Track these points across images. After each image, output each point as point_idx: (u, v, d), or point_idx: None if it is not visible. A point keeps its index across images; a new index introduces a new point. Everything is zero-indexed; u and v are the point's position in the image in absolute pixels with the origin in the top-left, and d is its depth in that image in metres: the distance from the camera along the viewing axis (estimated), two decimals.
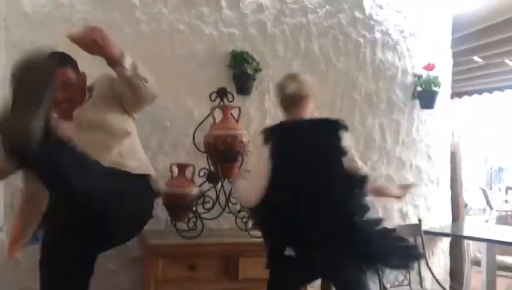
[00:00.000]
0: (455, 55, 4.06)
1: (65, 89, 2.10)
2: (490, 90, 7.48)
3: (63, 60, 2.16)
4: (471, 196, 8.56)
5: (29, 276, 2.76)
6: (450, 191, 3.91)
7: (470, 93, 7.78)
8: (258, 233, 2.58)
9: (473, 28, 4.60)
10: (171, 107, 3.06)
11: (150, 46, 3.01)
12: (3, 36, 2.79)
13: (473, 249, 4.04)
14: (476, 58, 5.66)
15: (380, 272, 2.51)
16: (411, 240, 3.35)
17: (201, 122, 2.84)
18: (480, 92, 7.66)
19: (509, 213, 6.63)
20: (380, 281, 3.01)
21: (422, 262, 3.36)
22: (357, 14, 3.50)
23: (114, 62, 1.95)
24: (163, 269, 2.40)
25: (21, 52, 2.78)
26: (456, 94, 6.88)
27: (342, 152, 2.10)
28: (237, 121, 2.90)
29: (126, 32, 2.99)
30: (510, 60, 5.76)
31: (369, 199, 2.12)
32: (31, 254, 1.98)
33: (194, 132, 2.77)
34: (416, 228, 3.41)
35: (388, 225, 3.43)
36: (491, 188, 9.76)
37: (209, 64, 3.15)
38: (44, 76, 1.54)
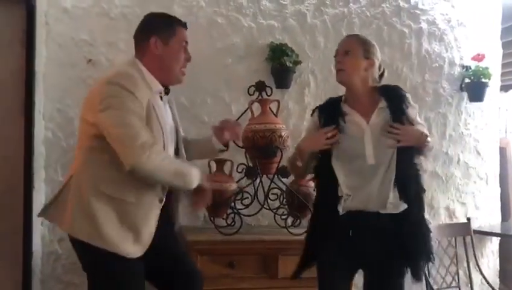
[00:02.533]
0: (503, 45, 3.86)
1: None
2: None
3: None
4: None
5: (69, 270, 2.81)
6: (499, 189, 3.71)
7: None
8: (298, 230, 2.52)
9: None
10: (209, 102, 3.03)
11: (188, 40, 2.97)
12: (44, 31, 2.82)
13: None
14: None
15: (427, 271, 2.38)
16: (459, 239, 3.21)
17: (240, 117, 2.78)
18: None
19: None
20: (428, 283, 2.88)
21: (472, 263, 3.20)
22: (402, 3, 3.35)
23: None
24: (201, 266, 2.36)
25: (61, 47, 2.86)
26: (503, 87, 6.59)
27: None
28: (276, 115, 2.85)
29: None
30: None
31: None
32: (71, 248, 1.95)
33: None
34: (465, 227, 3.24)
35: (435, 223, 3.34)
36: None
37: (248, 58, 3.10)
38: None
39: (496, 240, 3.67)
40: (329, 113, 2.06)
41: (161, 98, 1.96)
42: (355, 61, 2.02)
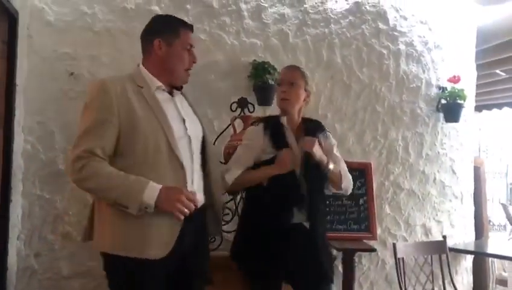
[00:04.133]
0: (478, 68, 3.97)
1: None
2: (511, 105, 7.32)
3: None
4: (491, 211, 8.37)
5: (45, 286, 2.75)
6: (473, 207, 3.79)
7: (489, 107, 7.63)
8: None
9: (497, 41, 4.51)
10: None
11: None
12: (26, 44, 2.80)
13: (497, 268, 3.91)
14: (498, 71, 5.55)
15: None
16: (435, 257, 3.26)
17: (222, 132, 2.80)
18: (500, 106, 7.51)
19: None
20: None
21: (447, 280, 3.26)
22: (381, 25, 3.44)
23: None
24: None
25: (43, 59, 2.84)
26: (476, 108, 6.76)
27: None
28: None
29: None
30: None
31: None
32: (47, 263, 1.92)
33: (214, 142, 2.73)
34: (441, 245, 3.31)
35: (411, 240, 3.40)
36: (511, 204, 9.55)
37: (230, 75, 3.13)
38: None
39: (469, 258, 3.74)
40: (275, 132, 2.20)
41: (171, 94, 1.94)
42: (298, 92, 2.22)
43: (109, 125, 1.73)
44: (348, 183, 2.29)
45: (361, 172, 3.30)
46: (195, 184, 1.88)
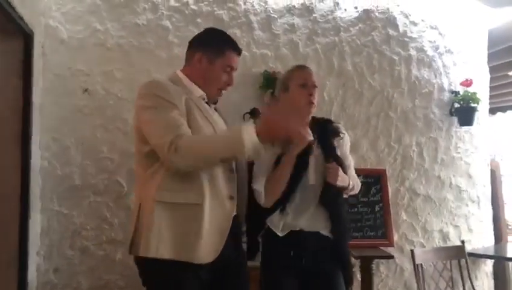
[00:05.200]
0: (490, 70, 3.95)
1: None
2: None
3: None
4: (509, 214, 8.24)
5: None
6: (491, 211, 3.75)
7: (504, 109, 7.56)
8: None
9: (508, 43, 4.48)
10: None
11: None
12: (41, 62, 2.86)
13: None
14: (511, 73, 5.51)
15: None
16: (454, 262, 3.23)
17: None
18: None
19: None
20: None
21: (467, 286, 3.21)
22: (391, 31, 3.45)
23: None
24: None
25: (58, 77, 2.89)
26: (490, 110, 6.70)
27: None
28: None
29: (160, 56, 3.03)
30: None
31: None
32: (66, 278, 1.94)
33: None
34: (459, 250, 3.27)
35: (429, 246, 3.36)
36: None
37: (242, 85, 3.13)
38: None
39: (490, 262, 3.69)
40: None
41: (208, 104, 1.91)
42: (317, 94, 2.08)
43: (178, 113, 1.71)
44: (356, 189, 2.19)
45: (376, 179, 3.29)
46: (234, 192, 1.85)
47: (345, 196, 2.16)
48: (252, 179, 2.05)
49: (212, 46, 1.88)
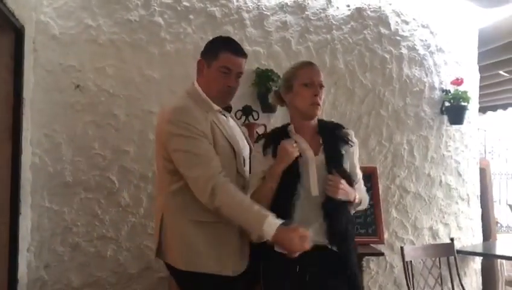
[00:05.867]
0: (480, 69, 3.98)
1: None
2: None
3: None
4: (498, 213, 8.34)
5: None
6: (480, 209, 3.78)
7: (494, 108, 7.62)
8: None
9: (499, 42, 4.52)
10: None
11: (175, 66, 3.03)
12: (32, 58, 2.84)
13: (506, 269, 3.90)
14: (502, 72, 5.55)
15: None
16: (443, 260, 3.26)
17: None
18: (504, 106, 7.50)
19: None
20: None
21: (456, 282, 3.25)
22: (383, 30, 3.46)
23: None
24: None
25: (49, 73, 2.88)
26: (480, 109, 6.74)
27: None
28: None
29: (152, 52, 3.03)
30: None
31: None
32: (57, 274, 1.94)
33: None
34: (448, 248, 3.31)
35: (419, 243, 3.39)
36: None
37: None
38: None
39: (478, 260, 3.73)
40: (278, 139, 1.91)
41: (225, 115, 1.98)
42: (323, 94, 1.95)
43: (206, 139, 1.81)
44: (364, 205, 2.05)
45: (367, 176, 3.25)
46: None
47: (352, 211, 1.97)
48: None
49: (209, 51, 1.95)
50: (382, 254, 3.00)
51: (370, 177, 3.30)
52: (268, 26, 3.25)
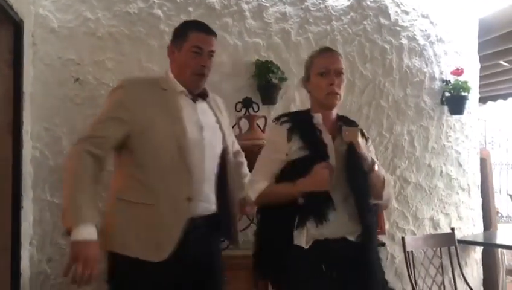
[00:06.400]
0: (481, 59, 3.97)
1: None
2: None
3: None
4: (499, 203, 8.35)
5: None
6: (480, 199, 3.79)
7: (494, 98, 7.61)
8: None
9: (499, 32, 4.51)
10: None
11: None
12: (31, 52, 2.83)
13: (507, 259, 3.92)
14: (502, 62, 5.54)
15: None
16: (444, 249, 3.27)
17: None
18: (505, 96, 7.48)
19: None
20: None
21: (456, 272, 3.27)
22: (382, 20, 3.45)
23: None
24: None
25: (48, 66, 2.87)
26: (481, 99, 6.73)
27: None
28: (263, 130, 2.89)
29: (151, 45, 3.02)
30: None
31: None
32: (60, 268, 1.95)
33: None
34: (449, 238, 3.32)
35: (420, 234, 3.40)
36: None
37: (234, 75, 3.14)
38: None
39: (479, 249, 3.75)
40: (306, 134, 1.83)
41: (194, 100, 1.94)
42: (344, 83, 1.89)
43: (118, 121, 1.81)
44: (390, 192, 1.94)
45: None
46: (203, 193, 1.87)
47: (378, 201, 1.87)
48: (252, 172, 1.95)
49: (178, 34, 1.95)
50: (383, 245, 3.02)
51: None
52: (267, 17, 3.23)
